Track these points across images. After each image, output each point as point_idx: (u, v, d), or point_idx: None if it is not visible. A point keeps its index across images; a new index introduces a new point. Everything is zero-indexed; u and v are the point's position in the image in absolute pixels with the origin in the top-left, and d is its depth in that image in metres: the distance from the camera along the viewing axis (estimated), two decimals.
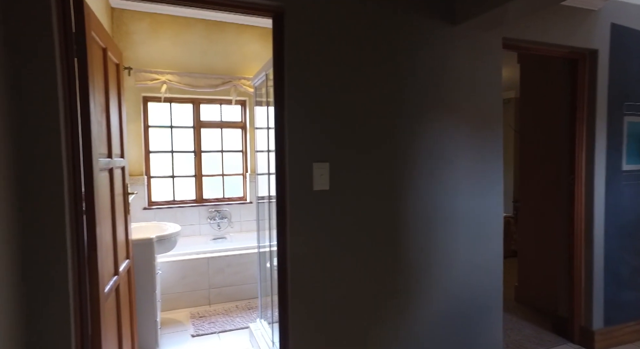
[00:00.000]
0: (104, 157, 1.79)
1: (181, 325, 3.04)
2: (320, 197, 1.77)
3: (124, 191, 2.18)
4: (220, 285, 3.43)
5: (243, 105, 4.40)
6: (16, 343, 1.26)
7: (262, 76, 2.51)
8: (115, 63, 2.13)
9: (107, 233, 1.78)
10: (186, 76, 3.97)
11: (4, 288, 1.19)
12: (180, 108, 4.21)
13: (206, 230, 4.15)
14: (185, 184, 4.24)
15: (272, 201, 2.55)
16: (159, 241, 2.59)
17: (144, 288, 2.48)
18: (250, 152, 4.37)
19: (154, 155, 4.10)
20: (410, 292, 1.98)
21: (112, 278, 1.82)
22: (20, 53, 1.30)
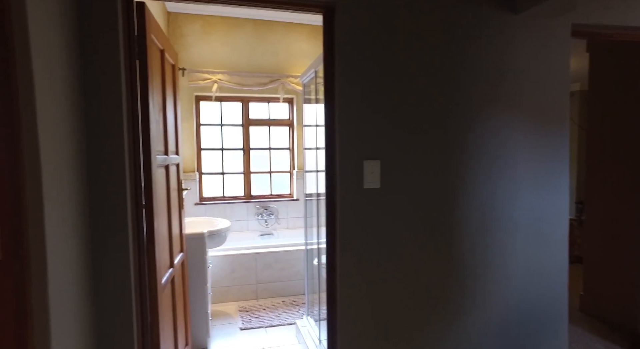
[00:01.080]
0: (161, 154, 1.87)
1: (230, 318, 3.13)
2: (371, 196, 1.73)
3: (178, 187, 2.27)
4: (267, 280, 3.49)
5: (290, 103, 4.44)
6: (88, 328, 1.34)
7: (310, 73, 2.50)
8: (172, 64, 2.21)
9: (163, 227, 1.86)
10: (236, 75, 4.07)
11: (76, 276, 1.27)
12: (229, 107, 4.33)
13: (254, 226, 4.24)
14: (235, 181, 4.36)
15: (321, 199, 2.54)
16: (210, 236, 2.67)
17: (196, 280, 2.57)
18: (297, 149, 4.41)
19: (205, 152, 4.26)
20: (462, 297, 1.88)
21: (168, 270, 1.90)
22: (88, 56, 1.38)
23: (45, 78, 1.09)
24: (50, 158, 1.10)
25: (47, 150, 1.08)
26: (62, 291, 1.16)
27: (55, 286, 1.11)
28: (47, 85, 1.11)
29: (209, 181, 4.30)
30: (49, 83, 1.13)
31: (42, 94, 1.07)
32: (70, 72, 1.29)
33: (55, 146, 1.15)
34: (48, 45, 1.13)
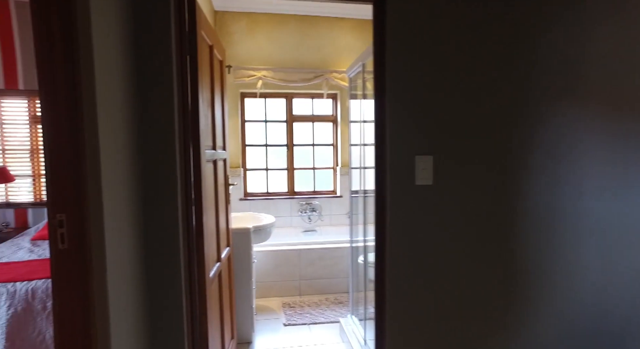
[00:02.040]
0: (209, 149, 1.88)
1: (274, 313, 3.15)
2: (423, 193, 1.64)
3: (225, 182, 2.30)
4: (310, 276, 3.47)
5: (334, 99, 4.38)
6: (141, 318, 1.37)
7: (358, 67, 2.43)
8: (220, 60, 2.23)
9: (211, 221, 1.88)
10: (280, 71, 4.08)
11: (131, 268, 1.30)
12: (274, 103, 4.35)
13: (297, 222, 4.25)
14: (278, 177, 4.39)
15: (367, 196, 2.47)
16: (256, 231, 2.68)
17: (242, 275, 2.60)
18: (340, 145, 4.35)
19: (249, 148, 4.32)
20: (525, 307, 1.74)
21: (215, 264, 1.92)
22: (142, 51, 1.40)
23: (104, 75, 1.11)
24: (108, 155, 1.13)
25: (105, 147, 1.10)
26: (118, 282, 1.18)
27: (112, 276, 1.13)
28: (106, 82, 1.13)
29: (254, 177, 4.36)
30: (108, 79, 1.15)
31: (101, 91, 1.09)
32: (125, 68, 1.32)
33: (112, 143, 1.17)
34: (106, 42, 1.15)
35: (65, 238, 1.00)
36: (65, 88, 1.01)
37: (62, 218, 0.99)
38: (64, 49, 1.01)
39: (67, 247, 1.01)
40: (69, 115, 1.02)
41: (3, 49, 3.70)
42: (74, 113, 1.02)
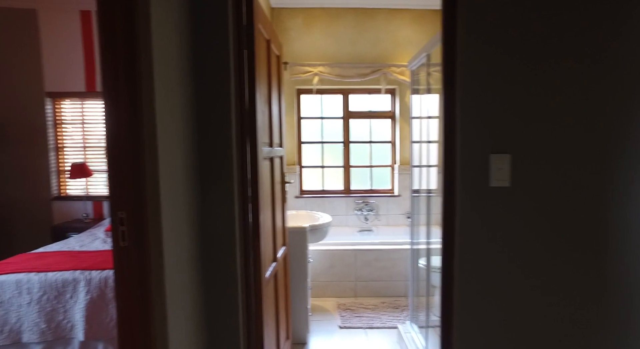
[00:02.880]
0: (266, 146, 1.84)
1: (329, 314, 3.08)
2: (498, 195, 1.45)
3: (282, 179, 2.26)
4: (366, 278, 3.35)
5: (392, 94, 4.21)
6: (197, 317, 1.36)
7: (421, 58, 2.26)
8: (277, 55, 2.19)
9: (267, 220, 1.84)
10: (336, 67, 3.99)
11: (188, 266, 1.28)
12: (330, 100, 4.28)
13: (353, 222, 4.14)
14: (334, 174, 4.31)
15: (430, 196, 2.30)
16: (312, 230, 2.63)
17: (297, 275, 2.55)
18: (399, 142, 4.16)
19: (305, 145, 4.29)
20: (621, 326, 1.49)
21: (271, 263, 1.88)
22: (199, 44, 1.38)
23: (162, 74, 1.10)
24: (166, 153, 1.11)
25: (163, 146, 1.09)
26: (176, 281, 1.17)
27: (170, 275, 1.11)
28: (164, 81, 1.11)
29: (309, 174, 4.32)
30: (166, 78, 1.13)
31: (160, 91, 1.07)
32: (183, 63, 1.30)
33: (170, 141, 1.15)
34: (165, 40, 1.13)
35: (125, 236, 0.99)
36: (125, 90, 1.01)
37: (123, 216, 0.99)
38: (125, 50, 1.00)
39: (127, 245, 1.00)
40: (129, 116, 1.01)
41: (85, 54, 4.01)
42: (133, 114, 1.01)
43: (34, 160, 4.09)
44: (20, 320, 2.17)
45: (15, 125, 4.07)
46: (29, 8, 3.96)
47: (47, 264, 2.33)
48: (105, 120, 1.02)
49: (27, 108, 4.06)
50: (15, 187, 4.11)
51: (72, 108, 4.17)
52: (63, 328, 2.17)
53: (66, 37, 4.00)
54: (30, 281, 2.20)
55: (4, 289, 2.20)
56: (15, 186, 4.11)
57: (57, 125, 4.17)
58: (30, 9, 3.97)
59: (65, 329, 2.17)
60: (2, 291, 2.20)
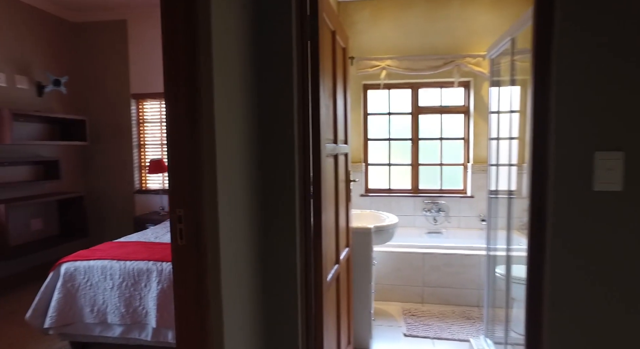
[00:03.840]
0: (330, 143, 1.76)
1: (393, 320, 2.93)
2: (606, 201, 1.21)
3: (346, 178, 2.16)
4: (435, 284, 3.14)
5: (466, 87, 3.89)
6: (255, 319, 1.33)
7: (504, 44, 2.01)
8: (342, 47, 2.09)
9: (330, 219, 1.76)
10: (405, 60, 3.79)
11: (245, 267, 1.25)
12: (398, 95, 4.09)
13: (420, 222, 3.92)
14: (401, 173, 4.12)
15: (512, 198, 2.05)
16: (377, 231, 2.50)
17: (360, 278, 2.45)
18: (473, 139, 3.84)
19: (371, 142, 4.15)
20: None
21: (333, 266, 1.80)
22: (261, 34, 1.33)
23: (222, 68, 1.06)
24: (224, 150, 1.07)
25: (222, 143, 1.05)
26: (233, 282, 1.13)
27: (227, 276, 1.08)
28: (224, 74, 1.08)
29: (375, 172, 4.18)
30: (226, 71, 1.09)
31: (219, 86, 1.03)
32: (244, 54, 1.26)
33: (229, 137, 1.12)
34: (226, 29, 1.09)
35: (183, 234, 0.97)
36: (185, 88, 0.98)
37: (181, 214, 0.96)
38: (185, 50, 0.98)
39: (185, 243, 0.98)
40: (188, 111, 0.98)
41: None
42: (192, 108, 0.98)
43: (121, 156, 4.49)
44: (105, 302, 2.36)
45: (107, 124, 4.49)
46: (121, 19, 4.34)
47: (126, 253, 2.50)
48: (166, 119, 1.01)
49: (116, 109, 4.45)
50: (107, 180, 4.54)
51: (152, 108, 4.49)
52: (139, 313, 2.31)
53: (149, 42, 4.31)
54: (113, 268, 2.37)
55: (93, 273, 2.40)
56: (106, 180, 4.54)
57: (139, 123, 4.52)
58: (122, 19, 4.34)
59: (141, 315, 2.31)
60: (92, 275, 2.40)
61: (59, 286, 2.42)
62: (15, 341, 2.68)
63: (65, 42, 4.33)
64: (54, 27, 4.19)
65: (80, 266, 2.43)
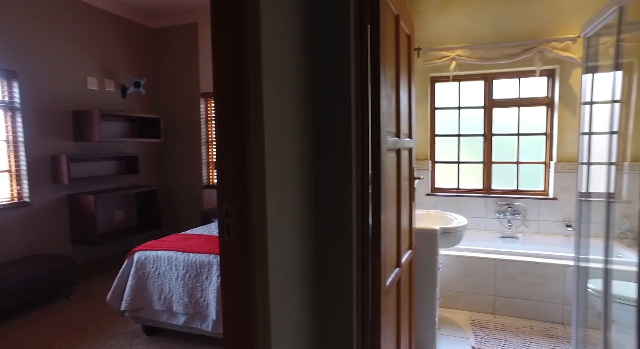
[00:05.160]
0: (391, 136, 1.63)
1: (460, 330, 2.70)
2: None
3: (410, 175, 2.01)
4: (509, 294, 2.83)
5: (550, 76, 3.47)
6: (305, 323, 1.26)
7: (607, 15, 1.69)
8: (407, 33, 1.94)
9: (391, 219, 1.63)
10: (478, 49, 3.48)
11: (295, 267, 1.18)
12: (469, 87, 3.78)
13: (492, 225, 3.59)
14: (471, 171, 3.81)
15: (611, 202, 1.74)
16: (444, 233, 2.30)
17: (424, 283, 2.27)
18: (557, 134, 3.41)
19: (439, 138, 3.89)
20: None
21: (393, 269, 1.67)
22: (316, 18, 1.24)
23: (271, 56, 0.99)
24: (273, 143, 1.01)
25: (271, 135, 0.98)
26: (281, 283, 1.07)
27: (275, 276, 1.01)
28: (274, 62, 1.01)
29: (442, 170, 3.92)
30: (276, 57, 1.02)
31: (268, 77, 0.97)
32: (297, 38, 1.18)
33: (278, 130, 1.05)
34: (276, 6, 1.02)
35: (230, 230, 0.92)
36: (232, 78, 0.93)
37: (228, 208, 0.91)
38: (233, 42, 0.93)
39: (232, 239, 0.93)
40: (235, 103, 0.93)
41: None
42: (239, 101, 0.93)
43: (191, 153, 4.73)
44: (171, 291, 2.46)
45: (179, 123, 4.76)
46: (193, 22, 4.57)
47: (190, 245, 2.59)
48: (215, 110, 0.96)
49: (188, 108, 4.70)
50: (178, 175, 4.82)
51: None
52: (200, 304, 2.37)
53: None
54: (178, 259, 2.47)
55: (160, 262, 2.52)
56: (177, 175, 4.83)
57: (207, 121, 4.72)
58: (194, 22, 4.56)
59: (202, 307, 2.37)
60: (159, 264, 2.53)
61: (132, 272, 2.58)
62: (99, 319, 2.93)
63: (144, 47, 4.67)
64: (136, 34, 4.53)
65: (150, 255, 2.56)
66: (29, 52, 3.44)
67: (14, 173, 3.42)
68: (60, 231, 3.73)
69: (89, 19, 3.96)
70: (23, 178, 3.44)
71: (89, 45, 3.97)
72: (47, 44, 3.58)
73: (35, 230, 3.50)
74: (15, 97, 3.36)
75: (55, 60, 3.66)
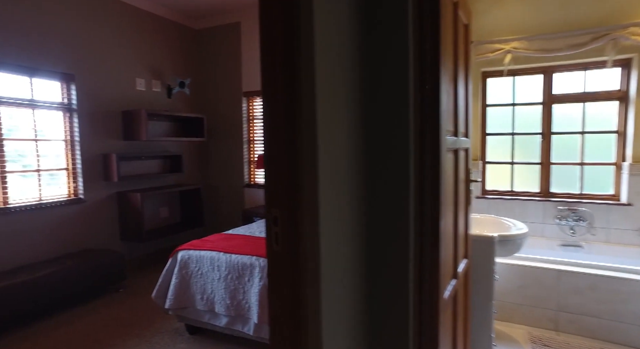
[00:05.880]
0: (449, 135, 1.48)
1: (518, 346, 2.47)
2: None
3: (466, 177, 1.84)
4: (575, 310, 2.56)
5: (625, 66, 3.11)
6: (359, 340, 1.15)
7: None
8: (464, 23, 1.77)
9: (448, 226, 1.48)
10: (537, 39, 3.20)
11: (349, 280, 1.07)
12: (525, 82, 3.49)
13: (551, 232, 3.29)
14: (527, 172, 3.52)
15: None
16: (502, 241, 2.11)
17: (479, 295, 2.09)
18: (634, 132, 3.05)
19: (490, 137, 3.64)
20: None
21: (450, 281, 1.52)
22: (370, 3, 1.12)
23: (325, 47, 0.89)
24: (326, 140, 0.90)
25: (324, 134, 0.88)
26: (333, 295, 0.96)
27: (328, 290, 0.91)
28: (327, 45, 0.91)
29: (494, 171, 3.66)
30: (327, 43, 0.92)
31: (320, 61, 0.86)
32: (350, 27, 1.07)
33: (331, 128, 0.94)
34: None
35: (279, 239, 0.83)
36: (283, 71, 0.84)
37: (277, 215, 0.82)
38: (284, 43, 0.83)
39: (280, 250, 0.83)
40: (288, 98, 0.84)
41: None
42: (291, 95, 0.83)
43: (232, 151, 4.76)
44: (213, 292, 2.44)
45: (221, 122, 4.81)
46: (235, 21, 4.59)
47: (232, 246, 2.56)
48: (263, 107, 0.88)
49: (230, 107, 4.74)
50: (220, 174, 4.87)
51: (260, 104, 4.66)
52: (242, 307, 2.33)
53: (258, 41, 4.47)
54: (220, 259, 2.45)
55: (203, 262, 2.51)
56: (219, 174, 4.88)
57: (249, 120, 4.73)
58: (236, 21, 4.59)
59: (244, 309, 2.33)
60: (202, 264, 2.52)
61: (176, 271, 2.59)
62: (144, 315, 2.98)
63: (189, 48, 4.75)
64: (181, 35, 4.63)
65: (193, 255, 2.56)
66: (85, 55, 3.59)
67: (70, 171, 3.58)
68: (110, 227, 3.87)
69: (137, 21, 4.08)
70: (78, 176, 3.60)
71: (137, 48, 4.09)
72: (101, 48, 3.72)
73: (88, 226, 3.65)
74: (73, 98, 3.52)
75: (108, 62, 3.79)
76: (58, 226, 3.41)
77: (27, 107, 3.25)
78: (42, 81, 3.33)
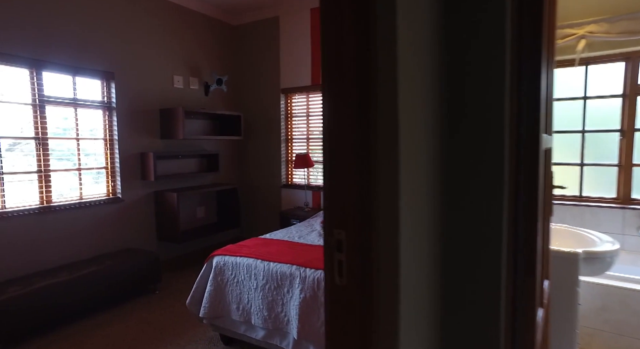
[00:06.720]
0: (542, 133, 1.19)
1: None
2: None
3: (549, 181, 1.53)
4: None
5: None
6: None
7: None
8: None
9: (539, 239, 1.19)
10: (618, 22, 2.77)
11: (430, 313, 0.82)
12: (599, 71, 3.06)
13: (634, 245, 2.86)
14: (598, 175, 3.09)
15: None
16: (587, 259, 1.77)
17: (560, 322, 1.76)
18: None
19: (556, 135, 3.23)
20: None
21: (537, 309, 1.23)
22: None
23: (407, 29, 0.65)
24: (406, 150, 0.66)
25: (404, 140, 0.64)
26: (412, 335, 0.72)
27: (405, 336, 0.67)
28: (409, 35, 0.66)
29: (560, 173, 3.25)
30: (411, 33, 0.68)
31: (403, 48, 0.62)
32: (434, 13, 0.82)
33: (412, 131, 0.70)
34: None
35: (344, 270, 0.60)
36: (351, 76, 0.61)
37: (341, 238, 0.59)
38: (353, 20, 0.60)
39: (346, 284, 0.60)
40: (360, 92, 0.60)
41: (312, 48, 4.20)
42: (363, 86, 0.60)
43: (270, 150, 4.60)
44: (250, 302, 2.26)
45: (259, 119, 4.66)
46: (274, 16, 4.42)
47: (270, 253, 2.37)
48: (323, 112, 0.65)
49: (268, 104, 4.58)
50: (257, 173, 4.73)
51: (299, 102, 4.46)
52: (281, 320, 2.13)
53: (298, 36, 4.28)
54: (257, 267, 2.26)
55: (239, 270, 2.34)
56: (256, 173, 4.74)
57: (287, 118, 4.55)
58: (275, 16, 4.42)
59: (282, 322, 2.13)
60: (238, 272, 2.34)
61: (211, 278, 2.44)
62: (178, 319, 2.87)
63: (226, 44, 4.64)
64: (218, 31, 4.52)
65: (229, 261, 2.39)
66: (124, 53, 3.54)
67: (109, 170, 3.55)
68: (147, 227, 3.81)
69: (175, 18, 4.00)
70: (117, 175, 3.56)
71: (175, 45, 4.02)
72: (139, 45, 3.67)
73: (126, 225, 3.61)
74: (113, 97, 3.48)
75: (146, 60, 3.74)
76: (97, 226, 3.38)
77: (71, 105, 3.23)
78: (85, 80, 3.31)
